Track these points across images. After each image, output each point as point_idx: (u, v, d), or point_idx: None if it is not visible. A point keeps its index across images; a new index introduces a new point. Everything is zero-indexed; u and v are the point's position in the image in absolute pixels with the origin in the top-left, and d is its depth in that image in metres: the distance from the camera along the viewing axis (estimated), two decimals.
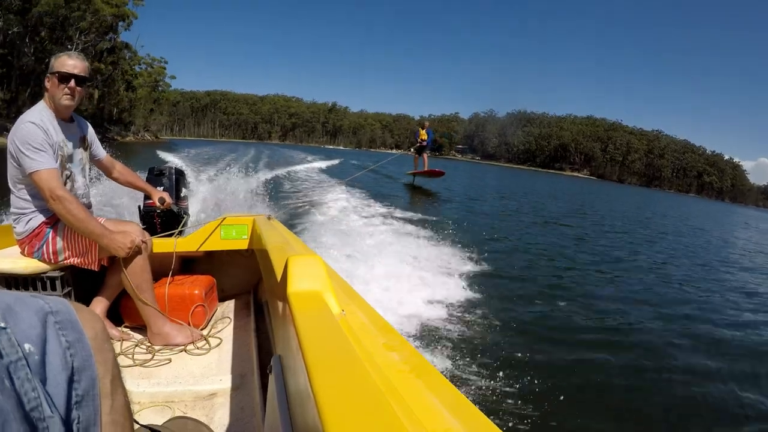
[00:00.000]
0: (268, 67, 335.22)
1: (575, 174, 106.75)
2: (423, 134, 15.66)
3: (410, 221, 8.15)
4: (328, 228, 6.38)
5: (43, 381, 0.52)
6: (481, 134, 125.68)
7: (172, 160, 16.00)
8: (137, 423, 1.04)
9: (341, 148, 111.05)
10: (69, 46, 27.11)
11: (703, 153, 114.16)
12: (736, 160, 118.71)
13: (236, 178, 11.75)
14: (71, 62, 1.82)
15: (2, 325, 0.49)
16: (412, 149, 16.34)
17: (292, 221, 6.93)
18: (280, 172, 15.95)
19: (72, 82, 1.81)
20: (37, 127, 1.71)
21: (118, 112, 35.35)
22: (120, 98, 34.74)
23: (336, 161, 26.01)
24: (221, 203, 7.40)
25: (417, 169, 15.76)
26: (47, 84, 1.82)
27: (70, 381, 0.56)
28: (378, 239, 6.04)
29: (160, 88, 41.89)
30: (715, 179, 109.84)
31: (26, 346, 0.51)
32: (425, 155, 15.75)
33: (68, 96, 1.82)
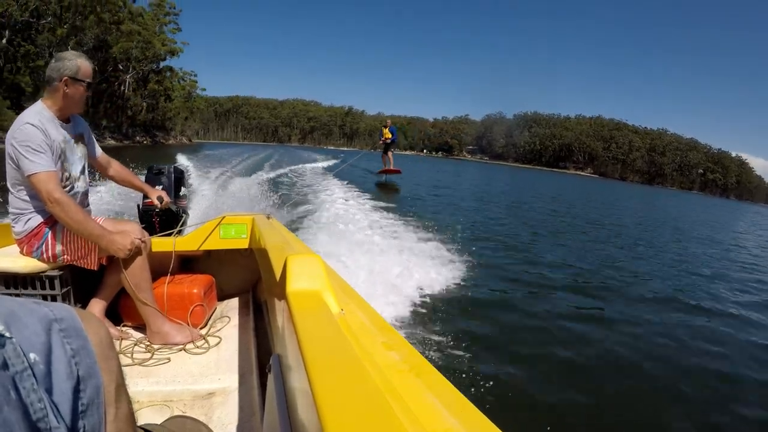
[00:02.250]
0: (288, 72, 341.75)
1: (579, 173, 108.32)
2: (387, 133, 15.71)
3: (406, 221, 8.16)
4: (327, 227, 6.38)
5: (49, 391, 0.51)
6: (490, 135, 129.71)
7: (199, 156, 16.45)
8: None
9: (356, 149, 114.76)
10: (123, 74, 37.10)
11: (708, 151, 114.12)
12: (744, 156, 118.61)
13: (237, 177, 11.76)
14: (91, 69, 1.86)
15: (7, 334, 0.48)
16: (375, 148, 16.37)
17: (292, 220, 6.93)
18: (281, 171, 15.97)
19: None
20: (36, 128, 1.70)
21: (162, 120, 44.78)
22: (166, 109, 44.29)
23: (332, 162, 26.44)
24: (221, 202, 7.41)
25: (385, 167, 15.90)
26: (66, 89, 1.80)
27: (76, 390, 0.55)
28: (376, 238, 6.05)
29: (193, 99, 51.17)
30: (718, 176, 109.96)
31: (31, 355, 0.50)
32: (390, 153, 15.90)
33: (83, 102, 1.88)
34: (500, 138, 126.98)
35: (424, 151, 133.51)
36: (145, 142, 40.29)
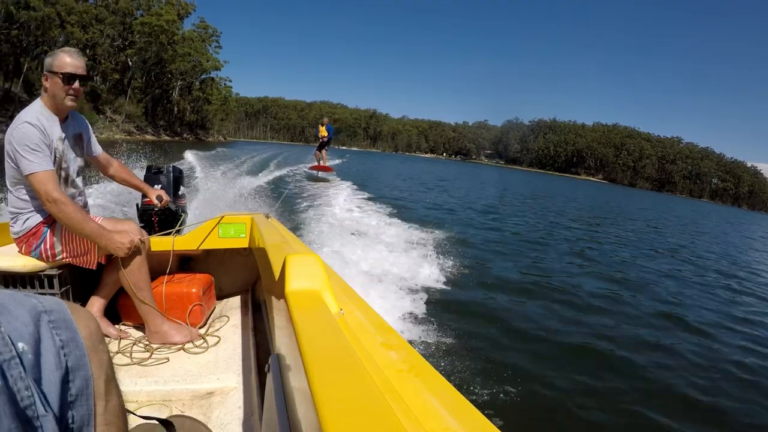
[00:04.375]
0: (316, 74, 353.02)
1: (589, 178, 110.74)
2: (323, 131, 15.52)
3: (406, 222, 8.15)
4: (327, 226, 6.38)
5: (37, 380, 0.51)
6: (506, 140, 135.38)
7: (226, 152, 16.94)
8: (137, 416, 1.04)
9: (378, 151, 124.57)
10: (174, 83, 47.18)
11: (720, 160, 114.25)
12: (759, 167, 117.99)
13: (239, 176, 11.75)
14: (73, 62, 1.78)
15: None
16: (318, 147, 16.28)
17: (291, 220, 6.93)
18: (283, 171, 15.96)
19: (76, 83, 1.79)
20: (34, 127, 1.69)
21: (203, 121, 56.41)
22: (206, 112, 55.35)
23: (337, 161, 26.60)
24: (220, 201, 7.40)
25: (318, 163, 15.86)
26: (46, 83, 1.78)
27: (64, 380, 0.56)
28: (376, 238, 6.05)
29: (228, 103, 61.65)
30: (729, 185, 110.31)
31: (20, 345, 0.50)
32: (324, 151, 15.84)
33: (72, 97, 1.80)
34: (515, 143, 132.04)
35: (444, 154, 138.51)
36: (190, 138, 49.62)
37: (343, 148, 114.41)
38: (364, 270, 4.44)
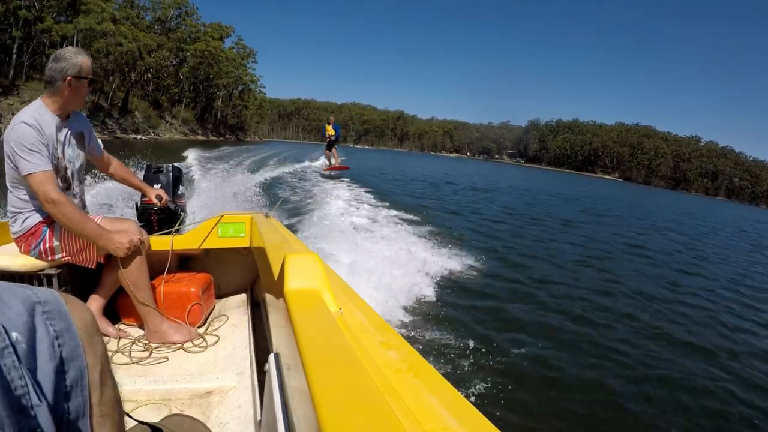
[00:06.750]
0: (348, 76, 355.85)
1: (605, 176, 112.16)
2: (329, 129, 15.28)
3: (404, 219, 8.15)
4: (326, 226, 6.38)
5: (32, 370, 0.52)
6: (526, 140, 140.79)
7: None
8: (133, 419, 1.04)
9: (405, 150, 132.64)
10: (218, 93, 57.18)
11: (738, 158, 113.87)
12: None
13: (238, 175, 11.75)
14: (91, 64, 1.83)
15: None
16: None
17: (290, 219, 6.93)
18: (284, 169, 15.94)
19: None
20: (30, 127, 1.69)
21: (241, 123, 66.90)
22: (244, 116, 66.17)
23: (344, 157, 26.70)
24: (220, 200, 7.40)
25: (330, 164, 15.62)
26: (70, 87, 1.77)
27: (59, 371, 0.56)
28: (375, 237, 6.05)
29: (264, 108, 73.38)
30: (746, 183, 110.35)
31: (14, 334, 0.50)
32: (334, 150, 15.61)
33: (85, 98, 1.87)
34: (534, 142, 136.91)
35: (468, 153, 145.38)
36: (231, 138, 57.99)
37: (371, 148, 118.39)
38: (364, 269, 4.44)
